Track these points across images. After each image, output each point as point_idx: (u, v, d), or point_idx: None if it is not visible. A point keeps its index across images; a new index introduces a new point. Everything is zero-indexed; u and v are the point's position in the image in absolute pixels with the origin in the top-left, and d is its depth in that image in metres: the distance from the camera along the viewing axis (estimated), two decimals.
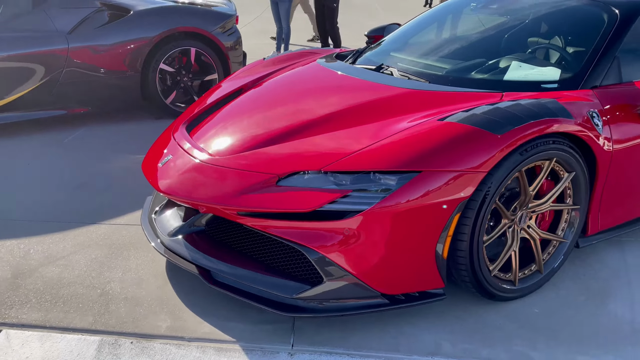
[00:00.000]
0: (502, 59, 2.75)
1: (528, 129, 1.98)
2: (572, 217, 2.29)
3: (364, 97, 2.42)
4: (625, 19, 2.57)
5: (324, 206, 1.91)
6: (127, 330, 2.07)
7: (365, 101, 2.38)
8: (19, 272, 2.43)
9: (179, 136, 2.56)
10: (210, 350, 1.97)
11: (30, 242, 2.68)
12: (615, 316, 2.18)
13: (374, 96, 2.42)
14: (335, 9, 7.22)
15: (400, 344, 1.99)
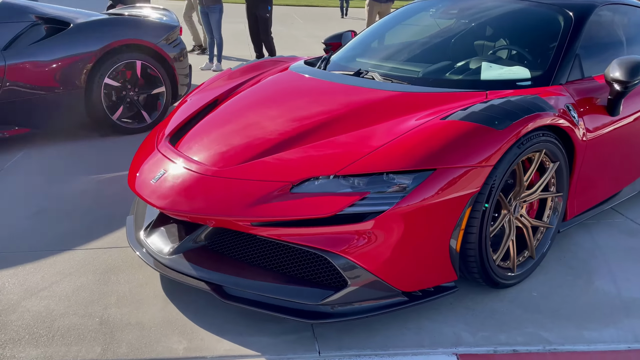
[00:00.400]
0: (471, 61, 2.90)
1: (524, 124, 2.12)
2: (556, 204, 2.47)
3: (356, 102, 2.46)
4: (578, 20, 2.81)
5: (344, 210, 1.92)
6: (143, 356, 1.96)
7: (358, 105, 2.42)
8: (0, 309, 2.22)
9: (167, 150, 2.46)
10: None
11: (2, 276, 2.46)
12: (603, 292, 2.36)
13: (365, 100, 2.47)
14: (269, 19, 7.24)
15: (423, 340, 2.04)
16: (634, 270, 2.54)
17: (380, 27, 3.62)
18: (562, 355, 1.97)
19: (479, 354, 1.97)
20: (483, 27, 3.16)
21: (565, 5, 2.91)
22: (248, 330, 2.10)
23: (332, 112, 2.39)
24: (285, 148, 2.22)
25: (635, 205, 3.21)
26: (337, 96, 2.57)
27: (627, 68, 2.46)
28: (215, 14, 7.54)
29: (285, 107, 2.59)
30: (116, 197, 3.33)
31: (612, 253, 2.69)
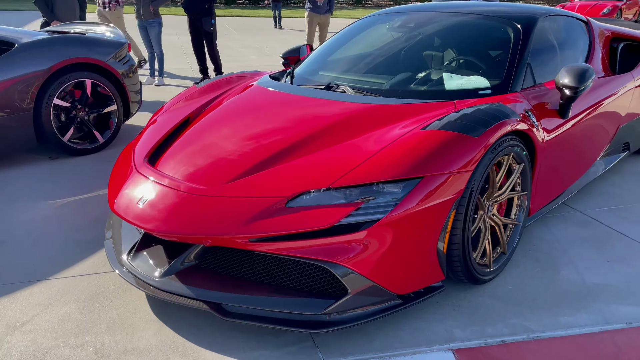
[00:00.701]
0: (433, 72, 3.08)
1: (496, 130, 2.29)
2: (522, 202, 2.67)
3: (335, 115, 2.55)
4: (525, 31, 3.05)
5: (341, 220, 2.00)
6: None
7: (338, 119, 2.51)
8: None
9: (148, 171, 2.45)
10: None
11: None
12: (569, 280, 2.58)
13: (343, 113, 2.56)
14: (213, 32, 7.20)
15: (419, 339, 2.15)
16: (591, 257, 2.79)
17: (338, 41, 3.73)
18: (545, 342, 2.14)
19: (471, 347, 2.11)
20: (440, 40, 3.35)
21: (513, 18, 3.15)
22: (248, 345, 2.13)
23: (313, 127, 2.47)
24: (273, 164, 2.28)
25: (582, 199, 3.50)
26: (314, 111, 2.65)
27: (576, 75, 2.71)
28: (155, 28, 7.40)
29: (265, 123, 2.64)
30: (81, 221, 3.24)
31: (569, 244, 2.93)
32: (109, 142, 4.67)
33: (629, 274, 2.63)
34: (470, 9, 3.51)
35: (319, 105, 2.70)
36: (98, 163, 4.30)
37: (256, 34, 15.96)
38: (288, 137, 2.43)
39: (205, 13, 7.02)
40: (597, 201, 3.47)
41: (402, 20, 3.60)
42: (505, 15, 3.25)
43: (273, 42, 13.86)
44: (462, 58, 3.18)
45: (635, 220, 3.21)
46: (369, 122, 2.46)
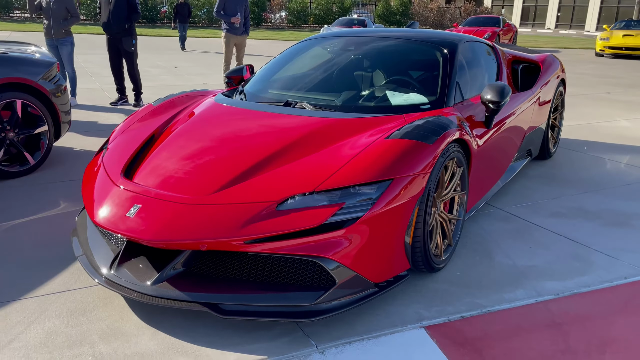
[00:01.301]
0: (376, 90, 3.46)
1: (445, 138, 2.69)
2: (462, 200, 3.09)
3: (302, 128, 2.82)
4: (451, 54, 3.54)
5: (328, 219, 2.27)
6: None
7: (307, 132, 2.78)
8: None
9: (129, 184, 2.55)
10: None
11: None
12: (503, 264, 3.04)
13: (309, 126, 2.84)
14: (134, 52, 7.15)
15: (394, 321, 2.46)
16: (516, 246, 3.28)
17: (280, 61, 4.01)
18: (496, 314, 2.54)
19: (439, 323, 2.45)
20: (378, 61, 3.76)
21: (439, 43, 3.64)
22: (244, 340, 2.30)
23: (286, 139, 2.72)
24: (256, 173, 2.49)
25: (500, 198, 4.05)
26: (282, 124, 2.90)
27: (498, 92, 3.21)
28: (66, 47, 7.20)
29: (237, 137, 2.84)
30: (34, 242, 3.20)
31: (497, 235, 3.42)
32: (39, 163, 4.53)
33: (549, 256, 3.14)
34: (398, 34, 3.97)
35: (285, 119, 2.96)
36: (32, 186, 4.18)
37: (161, 53, 15.73)
38: (264, 149, 2.66)
39: (126, 33, 6.97)
40: (512, 200, 4.04)
41: (342, 43, 3.96)
42: (431, 40, 3.73)
43: (180, 62, 13.78)
44: (400, 77, 3.59)
45: (545, 214, 3.79)
46: (335, 133, 2.76)
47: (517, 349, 2.30)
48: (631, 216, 3.79)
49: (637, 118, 7.40)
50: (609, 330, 2.45)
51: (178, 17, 17.41)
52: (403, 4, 37.64)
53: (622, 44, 17.74)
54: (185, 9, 17.63)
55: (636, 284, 2.86)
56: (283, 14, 36.06)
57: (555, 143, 5.23)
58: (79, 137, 5.68)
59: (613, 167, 5.01)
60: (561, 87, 5.08)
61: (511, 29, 20.53)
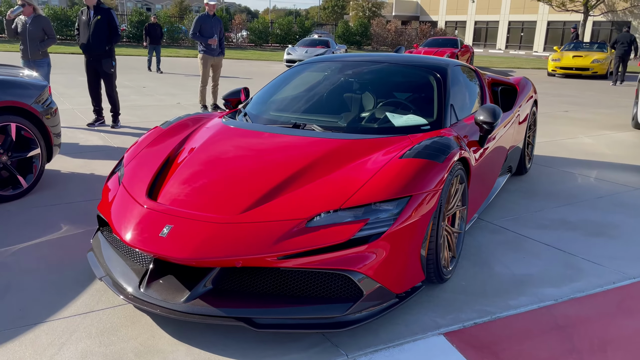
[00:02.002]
0: (376, 112, 3.66)
1: (452, 157, 2.90)
2: (462, 214, 3.31)
3: (317, 149, 2.98)
4: (444, 78, 3.79)
5: (356, 234, 2.42)
6: None
7: (322, 152, 2.94)
8: None
9: (156, 205, 2.64)
10: None
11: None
12: (502, 274, 3.26)
13: (324, 147, 3.00)
14: (113, 74, 7.16)
15: (413, 330, 2.62)
16: (511, 256, 3.51)
17: (277, 84, 4.17)
18: (505, 319, 2.74)
19: (455, 330, 2.63)
20: (373, 85, 3.97)
21: (431, 67, 3.89)
22: (278, 351, 2.41)
23: (304, 160, 2.87)
24: (282, 192, 2.63)
25: (488, 213, 4.30)
26: (297, 145, 3.06)
27: (491, 113, 3.47)
28: (43, 68, 7.13)
29: (255, 157, 2.97)
30: (45, 265, 3.21)
31: (491, 247, 3.65)
32: (32, 186, 4.50)
33: (542, 265, 3.39)
34: (391, 59, 4.21)
35: (300, 140, 3.12)
36: (28, 209, 4.16)
37: (125, 72, 15.59)
38: (285, 169, 2.80)
39: (106, 55, 6.98)
40: (499, 213, 4.30)
41: (339, 67, 4.16)
42: (423, 64, 3.98)
43: (147, 82, 13.73)
44: (396, 100, 3.81)
45: (531, 226, 4.06)
46: (350, 153, 2.93)
47: (529, 350, 2.50)
48: (607, 226, 4.11)
49: (596, 135, 7.92)
50: (607, 330, 2.68)
51: (149, 38, 16.71)
52: (362, 25, 38.57)
53: (573, 64, 18.79)
54: (157, 30, 17.00)
55: (624, 288, 3.13)
56: (244, 34, 36.28)
57: (530, 159, 5.57)
58: (64, 159, 5.63)
59: (584, 181, 5.38)
60: (534, 107, 5.45)
61: (468, 49, 21.41)
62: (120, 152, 5.72)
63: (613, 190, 5.04)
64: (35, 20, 7.00)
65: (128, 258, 2.75)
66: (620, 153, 6.70)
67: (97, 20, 6.96)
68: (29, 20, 6.96)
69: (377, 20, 40.68)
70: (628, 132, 8.17)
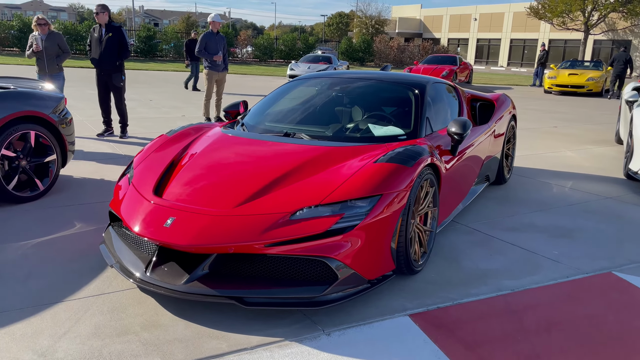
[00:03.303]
0: (359, 123, 4.08)
1: (421, 162, 3.31)
2: (434, 214, 3.70)
3: (304, 154, 3.40)
4: (422, 93, 4.21)
5: (332, 226, 2.82)
6: (199, 356, 2.53)
7: (309, 157, 3.36)
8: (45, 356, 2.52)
9: (161, 201, 3.05)
10: (274, 349, 2.62)
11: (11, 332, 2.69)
12: (469, 268, 3.64)
13: (310, 153, 3.42)
14: (123, 87, 7.62)
15: (383, 311, 3.00)
16: (478, 253, 3.90)
17: (273, 98, 4.61)
18: (465, 305, 3.12)
19: (420, 312, 3.01)
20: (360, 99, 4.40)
21: (412, 84, 4.32)
22: (265, 326, 2.80)
23: (291, 163, 3.28)
24: (270, 190, 3.04)
25: (464, 216, 4.69)
26: (287, 151, 3.47)
27: (461, 125, 3.88)
28: (59, 81, 7.61)
29: (248, 161, 3.39)
30: (62, 256, 3.60)
31: (463, 246, 4.04)
32: (48, 189, 4.93)
33: (505, 261, 3.77)
34: (376, 76, 4.64)
35: (289, 146, 3.54)
36: (45, 209, 4.58)
37: (132, 86, 16.12)
38: (274, 170, 3.21)
39: (117, 69, 7.46)
40: (474, 218, 4.69)
41: (328, 83, 4.60)
42: (404, 81, 4.41)
43: (152, 95, 14.24)
44: (379, 112, 4.24)
45: (502, 228, 4.45)
46: (333, 158, 3.35)
47: (482, 329, 2.88)
48: (573, 230, 4.49)
49: (579, 149, 8.32)
50: (553, 315, 3.06)
51: (190, 55, 15.67)
52: (365, 41, 39.28)
53: (568, 82, 19.25)
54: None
55: (576, 281, 3.51)
56: (250, 50, 37.02)
57: (509, 170, 5.97)
58: (77, 165, 6.07)
59: (559, 191, 5.77)
60: (512, 122, 5.86)
61: (467, 67, 21.92)
62: (127, 160, 6.15)
63: (584, 199, 5.43)
64: (51, 36, 7.51)
65: (136, 248, 3.15)
66: (598, 165, 7.09)
67: (109, 37, 7.45)
68: (44, 37, 7.46)
69: (379, 37, 41.42)
70: (610, 147, 8.56)
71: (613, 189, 5.90)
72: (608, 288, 3.44)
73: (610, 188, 5.92)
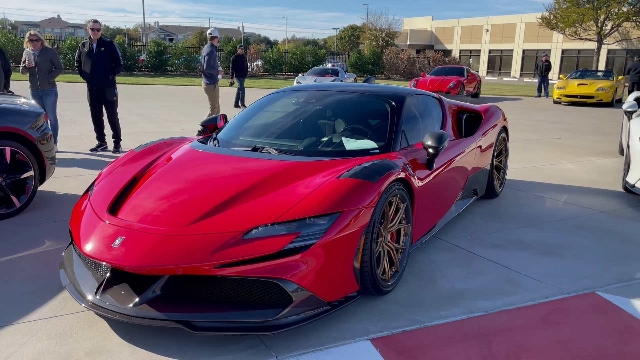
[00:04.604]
0: (333, 137, 3.95)
1: (387, 177, 3.16)
2: (407, 231, 3.54)
3: (266, 170, 3.27)
4: (399, 106, 4.07)
5: (286, 246, 2.68)
6: None
7: (270, 172, 3.23)
8: None
9: (114, 220, 2.94)
10: None
11: None
12: (443, 287, 3.47)
13: (273, 168, 3.30)
14: (115, 102, 7.60)
15: (344, 335, 2.84)
16: (456, 272, 3.72)
17: (250, 112, 4.50)
18: (432, 328, 2.95)
19: (383, 336, 2.85)
20: (336, 112, 4.27)
21: (388, 96, 4.19)
22: (215, 352, 2.66)
23: (252, 179, 3.16)
24: (225, 208, 2.91)
25: (446, 232, 4.51)
26: (250, 166, 3.35)
27: (436, 138, 3.73)
28: (51, 97, 7.62)
29: (210, 177, 3.27)
30: (21, 277, 3.51)
31: (441, 264, 3.87)
32: (25, 206, 4.86)
33: (484, 281, 3.59)
34: (354, 88, 4.52)
35: (252, 163, 3.41)
36: (18, 226, 4.50)
37: (139, 101, 16.21)
38: (232, 188, 3.09)
39: (110, 84, 7.44)
40: (458, 233, 4.51)
41: (305, 96, 4.49)
42: (382, 94, 4.28)
43: (158, 110, 14.27)
44: (354, 125, 4.11)
45: (485, 245, 4.26)
46: (295, 174, 3.21)
47: (448, 355, 2.70)
48: (561, 246, 4.29)
49: (581, 161, 8.08)
50: (526, 340, 2.87)
51: (236, 71, 15.49)
52: (375, 54, 39.26)
53: (577, 92, 18.93)
54: (244, 62, 15.75)
55: (554, 302, 3.31)
56: (259, 63, 37.20)
57: (501, 184, 5.78)
58: (61, 181, 6.02)
59: (552, 205, 5.56)
60: (504, 134, 5.68)
61: (475, 78, 21.70)
62: None
63: (577, 213, 5.21)
64: (43, 52, 7.52)
65: (91, 268, 3.04)
66: (597, 178, 6.86)
67: (101, 52, 7.44)
68: (37, 52, 7.48)
69: (389, 49, 41.37)
70: (612, 159, 8.31)
71: (609, 202, 5.67)
72: (589, 309, 3.24)
73: (606, 201, 5.69)
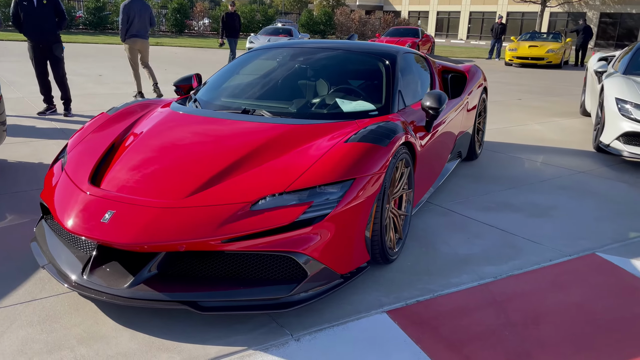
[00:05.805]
0: (326, 98, 3.70)
1: (396, 141, 2.97)
2: (409, 197, 3.39)
3: (265, 134, 3.00)
4: (392, 65, 3.86)
5: (299, 217, 2.46)
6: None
7: (270, 137, 2.97)
8: None
9: (98, 191, 2.62)
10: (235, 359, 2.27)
11: None
12: (446, 254, 3.36)
13: (272, 132, 3.03)
14: (62, 58, 6.97)
15: (357, 309, 2.69)
16: (455, 237, 3.63)
17: (232, 69, 4.16)
18: (445, 297, 2.84)
19: (398, 308, 2.71)
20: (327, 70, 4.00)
21: (381, 54, 3.95)
22: (224, 333, 2.44)
23: (251, 144, 2.89)
24: (226, 177, 2.64)
25: (437, 196, 4.41)
26: (246, 130, 3.07)
27: (436, 99, 3.55)
28: None
29: (200, 143, 2.97)
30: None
31: (438, 229, 3.76)
32: None
33: (484, 245, 3.52)
34: (342, 45, 4.25)
35: (247, 125, 3.13)
36: None
37: (80, 61, 15.17)
38: (231, 153, 2.81)
39: (57, 39, 6.79)
40: (448, 197, 4.42)
41: (291, 53, 4.18)
42: (373, 51, 4.04)
43: (103, 70, 13.41)
44: (346, 86, 3.86)
45: (477, 208, 4.19)
46: (297, 138, 2.96)
47: (467, 325, 2.60)
48: (549, 208, 4.28)
49: (546, 122, 8.19)
50: (540, 305, 2.81)
51: (226, 31, 14.29)
52: (326, 14, 38.47)
53: (528, 54, 19.26)
54: (236, 20, 14.33)
55: (559, 265, 3.28)
56: (207, 22, 35.69)
57: (480, 145, 5.73)
58: (12, 148, 5.48)
59: (530, 166, 5.57)
60: (484, 95, 5.59)
61: (429, 39, 21.67)
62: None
63: (556, 174, 5.24)
64: None
65: (72, 245, 2.71)
66: (567, 139, 6.95)
67: (44, 5, 6.75)
68: None
69: (340, 10, 40.65)
70: (576, 119, 8.47)
71: (584, 162, 5.74)
72: (593, 271, 3.23)
73: (581, 162, 5.76)
